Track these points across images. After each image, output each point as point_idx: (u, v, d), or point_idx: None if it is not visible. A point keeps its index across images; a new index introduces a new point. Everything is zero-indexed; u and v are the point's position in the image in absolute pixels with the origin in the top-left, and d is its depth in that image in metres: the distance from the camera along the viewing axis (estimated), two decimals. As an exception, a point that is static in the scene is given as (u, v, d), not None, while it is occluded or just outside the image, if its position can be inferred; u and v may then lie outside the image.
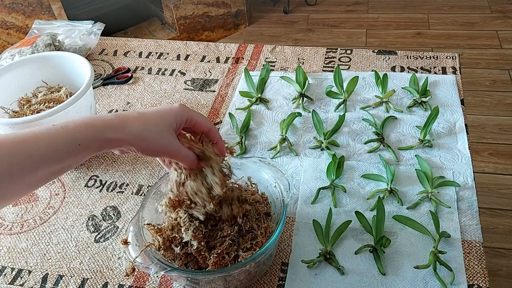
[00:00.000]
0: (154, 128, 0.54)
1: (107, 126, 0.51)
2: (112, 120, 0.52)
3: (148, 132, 0.53)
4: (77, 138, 0.49)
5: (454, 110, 0.92)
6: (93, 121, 0.51)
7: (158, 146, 0.54)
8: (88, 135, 0.50)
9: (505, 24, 2.54)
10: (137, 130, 0.52)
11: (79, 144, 0.49)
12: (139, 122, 0.53)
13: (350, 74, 1.02)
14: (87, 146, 0.50)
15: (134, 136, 0.52)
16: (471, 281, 0.65)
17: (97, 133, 0.50)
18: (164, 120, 0.55)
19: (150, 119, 0.54)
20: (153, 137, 0.53)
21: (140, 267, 0.59)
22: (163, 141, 0.54)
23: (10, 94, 0.88)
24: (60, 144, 0.48)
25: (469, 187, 0.77)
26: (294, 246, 0.72)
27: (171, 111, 0.56)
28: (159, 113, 0.55)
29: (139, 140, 0.53)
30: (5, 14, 2.18)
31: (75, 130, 0.49)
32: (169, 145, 0.55)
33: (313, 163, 0.84)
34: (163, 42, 1.22)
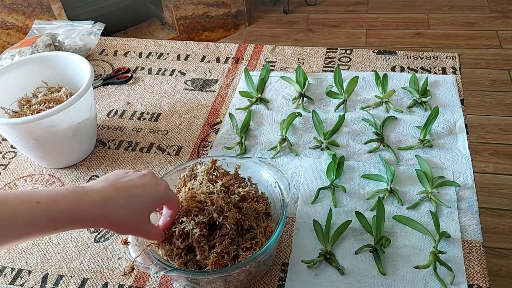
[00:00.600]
0: (134, 218, 0.55)
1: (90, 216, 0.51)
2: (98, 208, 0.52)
3: (128, 221, 0.54)
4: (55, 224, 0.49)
5: (454, 110, 0.92)
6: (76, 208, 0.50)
7: (131, 230, 0.56)
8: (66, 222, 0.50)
9: (505, 24, 2.54)
10: (118, 220, 0.53)
11: (56, 229, 0.50)
12: (122, 212, 0.54)
13: (350, 74, 1.02)
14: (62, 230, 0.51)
15: (113, 224, 0.54)
16: (471, 281, 0.65)
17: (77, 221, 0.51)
18: (147, 204, 0.56)
19: (134, 204, 0.55)
20: (130, 224, 0.55)
21: (140, 267, 0.59)
22: (137, 226, 0.56)
23: (10, 94, 0.88)
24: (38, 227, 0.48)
25: (469, 187, 0.77)
26: (294, 246, 0.72)
27: (156, 196, 0.57)
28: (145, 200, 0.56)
29: (115, 226, 0.54)
30: (5, 14, 2.18)
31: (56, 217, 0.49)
32: (142, 229, 0.57)
33: (313, 163, 0.84)
34: (163, 42, 1.22)
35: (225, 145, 0.90)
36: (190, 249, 0.62)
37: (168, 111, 1.00)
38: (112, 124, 0.98)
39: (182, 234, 0.61)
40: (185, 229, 0.60)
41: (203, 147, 0.90)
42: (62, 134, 0.83)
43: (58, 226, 0.50)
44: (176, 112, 0.99)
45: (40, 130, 0.80)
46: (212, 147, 0.90)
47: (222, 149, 0.89)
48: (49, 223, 0.49)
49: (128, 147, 0.92)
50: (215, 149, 0.89)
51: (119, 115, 1.01)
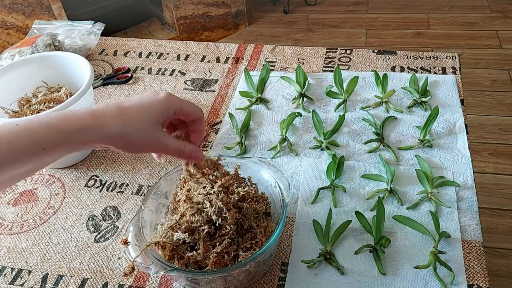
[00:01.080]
0: (136, 125, 0.48)
1: (79, 128, 0.46)
2: (86, 119, 0.47)
3: (129, 130, 0.48)
4: (41, 143, 0.45)
5: (454, 110, 0.92)
6: (61, 123, 0.46)
7: (141, 145, 0.50)
8: (54, 140, 0.45)
9: (505, 24, 2.54)
10: (116, 129, 0.47)
11: (45, 148, 0.45)
12: (117, 120, 0.48)
13: (350, 74, 1.02)
14: (55, 149, 0.46)
15: (112, 136, 0.47)
16: (471, 281, 0.65)
17: (66, 137, 0.46)
18: (147, 114, 0.50)
19: (131, 115, 0.49)
20: (135, 135, 0.48)
21: (140, 267, 0.59)
22: (147, 139, 0.50)
23: (10, 94, 0.88)
24: (22, 148, 0.44)
25: (469, 187, 0.77)
26: (294, 246, 0.72)
27: (157, 103, 0.51)
28: (142, 106, 0.50)
29: (118, 140, 0.48)
30: (5, 14, 2.18)
31: (39, 135, 0.45)
32: (155, 142, 0.50)
33: (313, 163, 0.84)
34: (163, 42, 1.22)
35: (225, 145, 0.90)
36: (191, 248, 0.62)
37: (168, 111, 1.00)
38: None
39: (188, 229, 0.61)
40: (192, 224, 0.61)
41: (203, 147, 0.90)
42: (62, 134, 0.82)
43: (45, 145, 0.45)
44: (176, 112, 0.99)
45: (40, 130, 0.80)
46: (212, 147, 0.90)
47: (222, 149, 0.89)
48: (33, 143, 0.44)
49: (128, 147, 0.92)
50: (215, 149, 0.89)
51: (119, 115, 1.00)
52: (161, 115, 0.51)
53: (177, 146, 0.52)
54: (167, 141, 0.51)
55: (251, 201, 0.65)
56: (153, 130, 0.50)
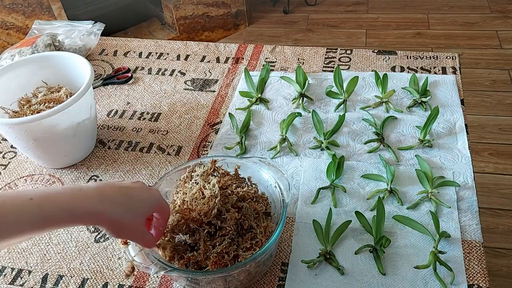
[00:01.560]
0: (131, 214, 0.55)
1: (87, 211, 0.51)
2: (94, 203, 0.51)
3: (126, 220, 0.54)
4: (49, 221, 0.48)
5: (454, 110, 0.92)
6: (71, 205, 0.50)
7: (127, 232, 0.55)
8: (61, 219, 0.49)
9: (505, 24, 2.54)
10: (117, 216, 0.53)
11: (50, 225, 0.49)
12: (120, 209, 0.53)
13: (350, 74, 1.02)
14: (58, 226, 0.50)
15: (111, 222, 0.53)
16: (471, 281, 0.65)
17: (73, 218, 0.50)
18: (143, 207, 0.56)
19: (132, 205, 0.55)
20: (128, 225, 0.54)
21: (140, 267, 0.59)
22: (135, 230, 0.56)
23: (10, 94, 0.88)
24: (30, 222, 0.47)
25: (469, 187, 0.77)
26: (294, 246, 0.72)
27: (151, 199, 0.57)
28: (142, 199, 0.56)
29: (114, 225, 0.53)
30: (5, 14, 2.18)
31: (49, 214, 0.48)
32: (137, 232, 0.56)
33: (313, 163, 0.84)
34: (163, 42, 1.22)
35: (225, 145, 0.90)
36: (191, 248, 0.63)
37: (168, 111, 1.00)
38: (112, 124, 0.98)
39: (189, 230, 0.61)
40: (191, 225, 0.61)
41: (203, 147, 0.90)
42: (62, 134, 0.83)
43: (52, 223, 0.49)
44: (176, 112, 0.99)
45: (40, 130, 0.80)
46: (212, 147, 0.90)
47: (222, 149, 0.89)
48: (41, 220, 0.48)
49: (128, 147, 0.92)
50: (215, 149, 0.89)
51: (119, 115, 1.01)
52: (149, 210, 0.58)
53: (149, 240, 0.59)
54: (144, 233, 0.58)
55: (251, 201, 0.65)
56: (140, 222, 0.56)
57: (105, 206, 0.52)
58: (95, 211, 0.51)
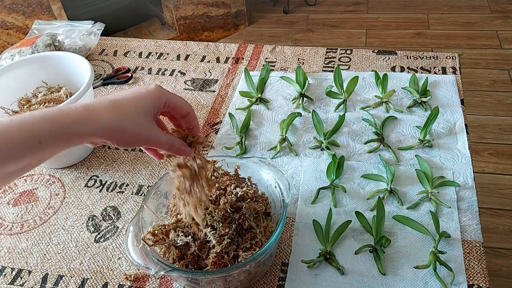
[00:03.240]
0: (128, 117, 0.49)
1: (73, 120, 0.46)
2: (79, 112, 0.47)
3: (123, 122, 0.48)
4: (37, 134, 0.44)
5: (454, 110, 0.92)
6: (56, 115, 0.45)
7: (134, 136, 0.50)
8: (50, 131, 0.45)
9: (505, 24, 2.54)
10: (110, 121, 0.48)
11: (40, 141, 0.44)
12: (110, 113, 0.48)
13: (350, 74, 1.02)
14: (50, 142, 0.45)
15: (106, 128, 0.47)
16: (471, 281, 0.65)
17: (61, 129, 0.45)
18: (139, 106, 0.50)
19: (124, 107, 0.49)
20: (128, 127, 0.49)
21: (140, 267, 0.59)
22: (140, 130, 0.50)
23: (10, 94, 0.88)
24: (17, 142, 0.43)
25: (469, 187, 0.77)
26: (294, 246, 0.72)
27: (147, 95, 0.51)
28: (134, 99, 0.51)
29: (112, 131, 0.48)
30: (5, 14, 2.18)
31: (34, 126, 0.44)
32: (147, 133, 0.50)
33: (313, 163, 0.84)
34: (163, 42, 1.22)
35: (225, 145, 0.90)
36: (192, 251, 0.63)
37: (168, 111, 1.00)
38: (112, 124, 0.98)
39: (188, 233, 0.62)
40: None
41: (203, 147, 0.90)
42: (62, 134, 0.82)
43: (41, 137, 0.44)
44: (176, 112, 0.99)
45: (40, 130, 0.80)
46: (212, 147, 0.90)
47: (222, 149, 0.89)
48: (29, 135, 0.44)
49: (128, 147, 0.92)
50: (215, 149, 0.89)
51: (119, 115, 1.00)
52: (152, 107, 0.52)
53: (168, 140, 0.53)
54: (159, 134, 0.52)
55: (250, 201, 0.65)
56: (145, 121, 0.50)
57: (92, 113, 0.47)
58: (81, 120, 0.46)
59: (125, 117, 0.49)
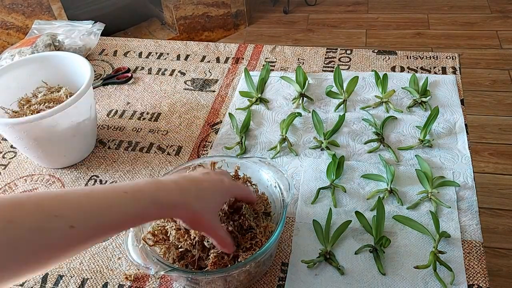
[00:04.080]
0: (207, 207, 0.55)
1: (171, 203, 0.51)
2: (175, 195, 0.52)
3: (204, 211, 0.54)
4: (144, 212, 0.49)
5: (454, 110, 0.92)
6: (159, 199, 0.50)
7: (205, 226, 0.55)
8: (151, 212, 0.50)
9: (505, 24, 2.54)
10: (195, 209, 0.53)
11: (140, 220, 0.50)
12: (197, 201, 0.53)
13: (350, 74, 1.02)
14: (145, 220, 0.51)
15: (191, 214, 0.53)
16: (471, 281, 0.65)
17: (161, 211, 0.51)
18: (217, 200, 0.57)
19: (206, 197, 0.55)
20: (205, 216, 0.54)
21: (140, 267, 0.59)
22: (211, 221, 0.55)
23: (10, 94, 0.88)
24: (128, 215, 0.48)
25: (469, 187, 0.77)
26: (294, 246, 0.72)
27: (222, 189, 0.58)
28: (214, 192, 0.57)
29: (193, 218, 0.54)
30: (5, 14, 2.18)
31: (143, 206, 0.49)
32: (212, 225, 0.56)
33: (313, 163, 0.84)
34: (163, 42, 1.22)
35: (225, 145, 0.90)
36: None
37: (168, 111, 1.00)
38: (112, 124, 0.98)
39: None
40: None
41: (203, 147, 0.90)
42: (62, 134, 0.83)
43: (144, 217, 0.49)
44: (176, 112, 0.99)
45: (40, 130, 0.80)
46: (212, 147, 0.90)
47: (222, 149, 0.89)
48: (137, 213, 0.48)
49: (128, 147, 0.92)
50: (215, 149, 0.89)
51: (119, 115, 1.01)
52: (223, 201, 0.59)
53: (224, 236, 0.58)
54: (219, 228, 0.57)
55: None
56: (215, 215, 0.57)
57: (185, 198, 0.52)
58: (178, 203, 0.52)
59: (206, 208, 0.54)
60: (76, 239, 0.43)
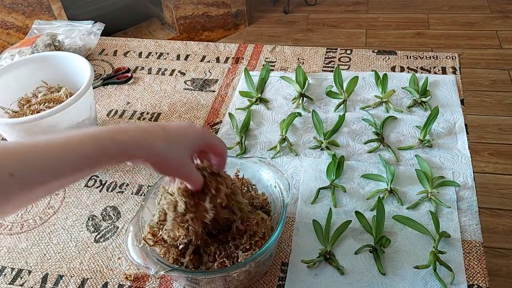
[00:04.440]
0: (176, 149, 0.53)
1: (133, 142, 0.50)
2: (138, 136, 0.50)
3: (171, 153, 0.52)
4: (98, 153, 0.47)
5: (454, 110, 0.92)
6: (117, 135, 0.49)
7: (174, 168, 0.54)
8: (110, 150, 0.48)
9: (505, 24, 2.54)
10: (162, 150, 0.51)
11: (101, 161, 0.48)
12: (164, 142, 0.52)
13: (350, 74, 1.02)
14: (107, 161, 0.48)
15: (157, 155, 0.51)
16: (471, 281, 0.65)
17: (122, 149, 0.49)
18: (186, 141, 0.55)
19: (175, 140, 0.53)
20: (173, 158, 0.53)
21: (140, 267, 0.59)
22: (181, 163, 0.54)
23: (10, 94, 0.88)
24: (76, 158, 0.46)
25: (469, 187, 0.77)
26: (294, 246, 0.72)
27: (194, 133, 0.56)
28: (184, 134, 0.55)
29: (160, 159, 0.52)
30: (5, 14, 2.18)
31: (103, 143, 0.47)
32: (184, 167, 0.54)
33: (313, 163, 0.84)
34: (163, 42, 1.22)
35: (225, 145, 0.89)
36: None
37: (168, 111, 1.00)
38: (112, 124, 0.98)
39: None
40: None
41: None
42: (62, 134, 0.82)
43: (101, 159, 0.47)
44: (176, 112, 0.99)
45: (40, 130, 0.80)
46: (212, 147, 0.90)
47: (222, 149, 0.89)
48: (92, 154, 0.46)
49: (128, 147, 0.92)
50: (215, 149, 0.89)
51: (119, 115, 1.01)
52: (194, 144, 0.56)
53: (197, 178, 0.56)
54: (192, 171, 0.56)
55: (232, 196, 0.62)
56: (186, 157, 0.54)
57: (149, 140, 0.51)
58: (139, 143, 0.50)
59: (174, 150, 0.53)
60: (18, 186, 0.42)
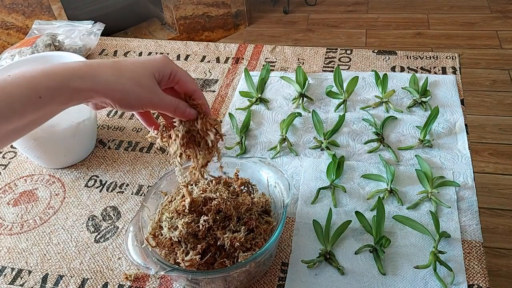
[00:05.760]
0: (130, 75, 0.46)
1: (73, 74, 0.44)
2: (80, 67, 0.45)
3: (124, 80, 0.46)
4: (37, 88, 0.42)
5: (454, 110, 0.92)
6: (56, 69, 0.44)
7: (136, 96, 0.47)
8: (50, 85, 0.43)
9: (505, 24, 2.54)
10: (111, 78, 0.45)
11: (40, 96, 0.42)
12: (113, 70, 0.46)
13: (350, 74, 1.02)
14: (51, 98, 0.43)
15: (108, 84, 0.45)
16: (471, 281, 0.65)
17: (61, 83, 0.43)
18: (144, 68, 0.48)
19: (127, 66, 0.47)
20: (130, 86, 0.46)
21: (140, 267, 0.59)
22: (143, 90, 0.47)
23: (10, 94, 0.88)
24: (17, 97, 0.41)
25: (469, 187, 0.77)
26: (294, 246, 0.72)
27: (153, 61, 0.50)
28: (139, 62, 0.49)
29: (113, 89, 0.45)
30: (5, 14, 2.18)
31: (34, 80, 0.42)
32: (149, 94, 0.48)
33: (313, 163, 0.84)
34: (163, 42, 1.22)
35: (225, 145, 0.90)
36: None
37: (168, 111, 1.00)
38: (112, 124, 0.98)
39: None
40: None
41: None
42: (62, 134, 0.83)
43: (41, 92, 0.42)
44: (176, 112, 0.99)
45: (40, 130, 0.79)
46: (212, 147, 0.90)
47: (222, 149, 0.89)
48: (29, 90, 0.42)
49: (128, 147, 0.92)
50: (215, 149, 0.89)
51: (119, 115, 1.01)
52: (156, 71, 0.49)
53: (172, 101, 0.50)
54: (162, 95, 0.49)
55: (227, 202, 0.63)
56: (149, 82, 0.48)
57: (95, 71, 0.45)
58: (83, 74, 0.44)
59: (127, 75, 0.47)
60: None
